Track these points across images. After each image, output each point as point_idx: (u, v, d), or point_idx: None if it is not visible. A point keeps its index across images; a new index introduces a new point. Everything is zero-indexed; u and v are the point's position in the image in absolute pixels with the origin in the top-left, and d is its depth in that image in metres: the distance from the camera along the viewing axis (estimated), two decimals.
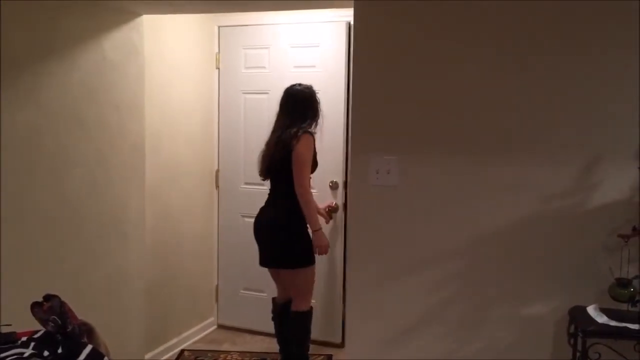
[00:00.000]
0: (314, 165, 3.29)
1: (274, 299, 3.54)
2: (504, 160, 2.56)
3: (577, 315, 2.35)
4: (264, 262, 3.37)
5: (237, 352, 3.84)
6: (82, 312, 2.49)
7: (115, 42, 3.10)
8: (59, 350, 1.64)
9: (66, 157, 2.80)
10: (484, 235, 2.61)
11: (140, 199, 3.35)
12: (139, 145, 3.32)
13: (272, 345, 3.97)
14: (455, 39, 2.57)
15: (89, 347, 1.69)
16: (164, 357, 3.68)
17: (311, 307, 3.38)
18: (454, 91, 2.59)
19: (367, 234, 2.77)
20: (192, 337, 3.94)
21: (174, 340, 3.80)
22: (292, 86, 3.35)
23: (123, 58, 3.16)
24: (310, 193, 3.24)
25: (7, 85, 2.47)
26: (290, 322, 3.35)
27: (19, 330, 1.76)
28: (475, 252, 2.63)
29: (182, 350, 3.81)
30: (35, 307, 1.79)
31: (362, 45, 2.73)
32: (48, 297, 1.81)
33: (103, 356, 1.69)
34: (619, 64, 2.39)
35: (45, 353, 1.60)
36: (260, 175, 3.35)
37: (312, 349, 3.87)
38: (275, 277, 3.44)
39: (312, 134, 3.24)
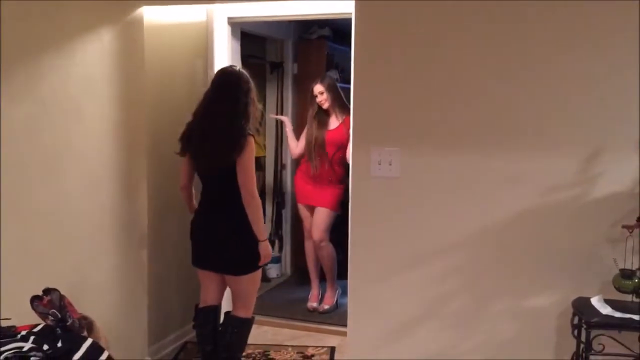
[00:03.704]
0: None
1: (200, 306, 3.20)
2: (506, 152, 2.55)
3: (581, 306, 2.34)
4: (207, 265, 3.11)
5: None
6: (83, 306, 2.51)
7: (115, 34, 3.07)
8: (59, 344, 1.63)
9: (66, 150, 2.78)
10: (486, 228, 2.60)
11: (141, 193, 3.33)
12: (140, 139, 3.30)
13: (276, 337, 3.99)
14: (457, 31, 2.55)
15: (89, 341, 1.68)
16: (167, 350, 3.67)
17: (253, 317, 3.18)
18: (455, 84, 2.58)
19: (368, 225, 2.76)
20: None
21: (177, 333, 3.80)
22: (229, 66, 3.20)
23: (123, 50, 3.13)
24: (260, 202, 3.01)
25: (6, 79, 2.44)
26: (229, 330, 3.09)
27: (19, 325, 1.76)
28: (477, 245, 2.62)
29: (185, 343, 3.81)
30: (35, 300, 1.79)
31: (363, 37, 2.71)
32: (48, 291, 1.81)
33: (103, 350, 1.68)
34: (620, 56, 2.37)
35: (45, 347, 1.60)
36: (183, 154, 3.11)
37: (319, 339, 3.88)
38: (210, 282, 3.15)
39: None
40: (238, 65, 3.29)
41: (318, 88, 4.35)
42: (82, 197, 2.89)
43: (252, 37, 4.79)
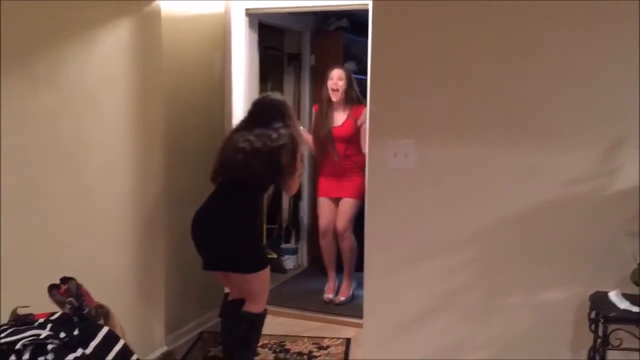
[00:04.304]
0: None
1: (229, 296, 3.30)
2: (523, 145, 2.52)
3: (599, 301, 2.32)
4: (212, 266, 3.18)
5: None
6: (100, 294, 2.54)
7: (132, 26, 3.09)
8: (75, 332, 1.66)
9: (84, 140, 2.80)
10: (503, 220, 2.58)
11: (158, 183, 3.36)
12: (157, 130, 3.32)
13: (292, 328, 4.00)
14: (474, 24, 2.53)
15: (105, 329, 1.70)
16: (184, 339, 3.71)
17: (265, 310, 3.20)
18: (471, 76, 2.56)
19: (384, 217, 2.75)
20: (212, 319, 3.96)
21: (194, 323, 3.83)
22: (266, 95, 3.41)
23: (141, 42, 3.15)
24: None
25: (26, 70, 2.48)
26: (243, 325, 3.13)
27: (36, 313, 1.79)
28: (494, 237, 2.61)
29: (202, 332, 3.85)
30: (52, 289, 1.81)
31: (380, 30, 2.70)
32: (65, 280, 1.83)
33: (119, 338, 1.71)
34: None
35: (62, 334, 1.62)
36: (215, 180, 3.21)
37: (335, 330, 3.90)
38: (228, 281, 3.25)
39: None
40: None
41: (338, 72, 4.31)
42: (99, 187, 2.91)
43: (270, 29, 4.80)
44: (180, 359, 3.49)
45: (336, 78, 4.30)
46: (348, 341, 3.76)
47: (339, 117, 4.35)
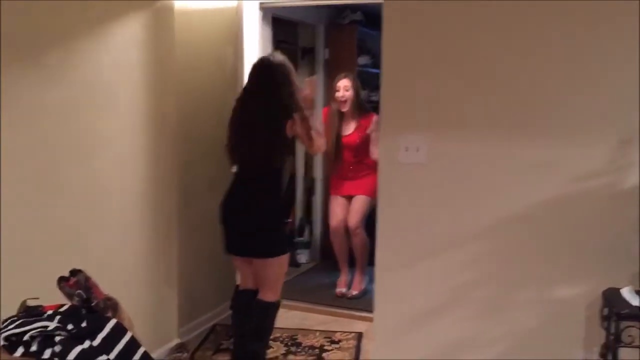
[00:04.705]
0: None
1: (240, 288, 3.28)
2: (535, 140, 2.50)
3: (611, 297, 2.29)
4: (236, 249, 3.14)
5: None
6: (112, 286, 2.57)
7: (145, 20, 3.10)
8: (83, 324, 1.67)
9: (97, 134, 2.83)
10: (513, 216, 2.56)
11: (171, 176, 3.38)
12: (170, 124, 3.34)
13: (304, 321, 4.01)
14: (487, 18, 2.51)
15: (112, 322, 1.72)
16: (197, 332, 3.73)
17: (279, 300, 3.17)
18: (484, 71, 2.55)
19: (396, 211, 2.74)
20: (225, 312, 3.97)
21: (207, 315, 3.86)
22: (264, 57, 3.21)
23: (153, 37, 3.16)
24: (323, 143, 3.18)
25: (39, 63, 2.50)
26: (256, 314, 3.10)
27: (46, 304, 1.81)
28: (504, 233, 2.59)
29: (215, 325, 3.87)
30: (61, 281, 1.83)
31: (393, 24, 2.68)
32: (74, 272, 1.85)
33: (126, 331, 1.72)
34: None
35: (70, 326, 1.64)
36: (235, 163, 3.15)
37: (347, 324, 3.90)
38: (246, 267, 3.18)
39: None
40: (271, 51, 3.29)
41: (344, 82, 4.32)
42: (112, 180, 2.94)
43: (284, 22, 4.79)
44: (192, 351, 3.51)
45: (342, 89, 4.32)
46: (360, 335, 3.76)
47: (349, 127, 4.38)
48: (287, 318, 3.98)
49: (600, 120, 2.41)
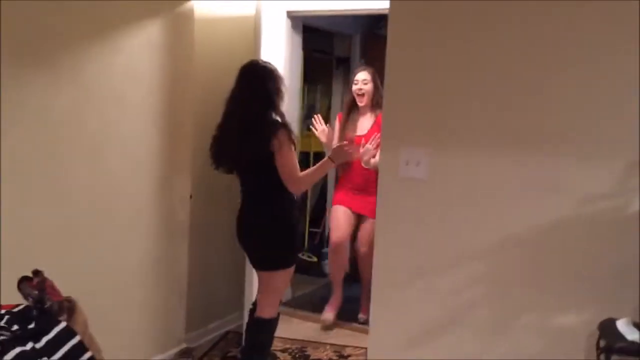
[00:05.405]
0: None
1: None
2: (539, 158, 2.36)
3: (607, 329, 2.12)
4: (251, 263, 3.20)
5: (277, 337, 3.80)
6: (120, 287, 2.62)
7: (163, 26, 3.14)
8: (31, 326, 1.68)
9: (108, 136, 2.88)
10: (515, 237, 2.43)
11: (184, 180, 3.40)
12: (185, 130, 3.37)
13: (316, 333, 3.94)
14: (493, 32, 2.40)
15: (62, 325, 1.72)
16: (207, 338, 3.74)
17: (277, 316, 3.10)
18: (486, 86, 2.44)
19: (394, 228, 2.66)
20: (239, 319, 3.97)
21: (219, 322, 3.86)
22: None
23: (171, 43, 3.20)
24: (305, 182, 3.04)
25: (51, 66, 2.57)
26: (251, 329, 3.11)
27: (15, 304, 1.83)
28: (506, 254, 2.46)
29: (227, 332, 3.87)
30: (23, 281, 1.85)
31: (397, 35, 2.62)
32: (37, 272, 1.86)
33: (75, 334, 1.71)
34: None
35: (14, 327, 1.65)
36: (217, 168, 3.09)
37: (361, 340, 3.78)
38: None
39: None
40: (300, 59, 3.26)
41: (363, 75, 4.06)
42: (123, 182, 2.99)
43: (319, 32, 4.77)
44: (199, 357, 3.52)
45: (361, 82, 4.05)
46: None
47: (365, 124, 4.07)
48: (301, 329, 3.94)
49: (609, 140, 2.26)
